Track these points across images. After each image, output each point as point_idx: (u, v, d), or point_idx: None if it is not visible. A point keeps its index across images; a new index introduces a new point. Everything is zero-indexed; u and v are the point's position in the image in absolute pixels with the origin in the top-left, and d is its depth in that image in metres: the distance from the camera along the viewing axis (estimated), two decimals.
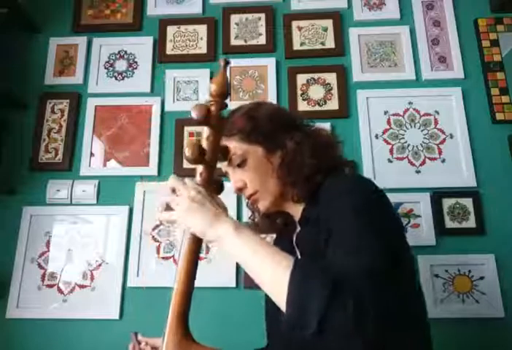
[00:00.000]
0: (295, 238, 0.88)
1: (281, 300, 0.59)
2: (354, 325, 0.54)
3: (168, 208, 0.71)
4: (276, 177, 0.84)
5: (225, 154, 0.79)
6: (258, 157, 0.85)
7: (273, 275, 0.61)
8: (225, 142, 0.87)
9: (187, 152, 0.69)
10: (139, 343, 0.93)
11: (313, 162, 0.81)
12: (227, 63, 0.77)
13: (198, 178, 0.73)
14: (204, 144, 0.73)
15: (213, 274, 1.40)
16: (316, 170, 0.81)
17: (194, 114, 0.70)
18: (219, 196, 0.75)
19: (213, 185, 0.75)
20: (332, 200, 0.74)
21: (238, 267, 1.40)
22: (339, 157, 0.89)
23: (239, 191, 0.88)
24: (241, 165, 0.85)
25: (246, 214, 1.18)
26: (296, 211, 0.87)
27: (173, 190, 0.72)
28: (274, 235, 1.02)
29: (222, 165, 0.90)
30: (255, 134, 0.85)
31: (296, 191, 0.83)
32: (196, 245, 0.70)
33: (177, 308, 0.65)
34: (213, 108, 0.73)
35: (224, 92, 0.74)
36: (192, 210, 0.68)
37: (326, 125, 1.46)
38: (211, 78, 1.63)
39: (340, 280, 0.57)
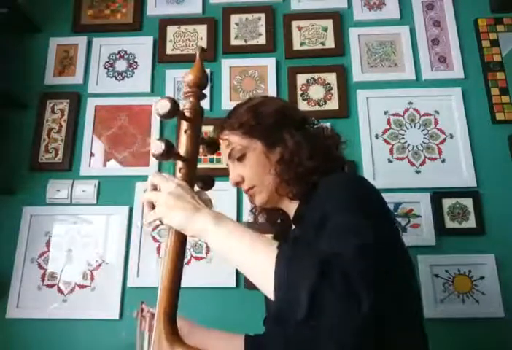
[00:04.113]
0: (290, 237, 0.88)
1: (269, 288, 0.55)
2: (346, 305, 0.51)
3: (153, 207, 0.67)
4: (273, 173, 0.84)
5: (212, 146, 0.76)
6: (257, 153, 0.85)
7: (258, 261, 0.58)
8: (227, 135, 0.87)
9: (151, 148, 0.64)
10: (142, 310, 0.99)
11: (310, 164, 0.81)
12: (203, 50, 0.72)
13: (177, 174, 0.68)
14: (183, 137, 0.69)
15: (213, 274, 1.39)
16: (312, 171, 0.80)
17: (159, 110, 0.63)
18: (207, 191, 0.72)
19: (197, 181, 0.71)
20: (323, 196, 0.73)
21: None
22: (339, 159, 0.89)
23: (237, 185, 0.88)
24: (240, 159, 0.86)
25: (247, 213, 1.17)
26: (291, 209, 0.87)
27: (155, 187, 0.68)
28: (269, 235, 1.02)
29: (224, 159, 0.91)
30: (257, 129, 0.85)
31: (290, 189, 0.83)
32: (180, 241, 0.67)
33: (163, 306, 0.63)
34: (191, 99, 0.70)
35: (201, 82, 0.70)
36: (171, 205, 0.64)
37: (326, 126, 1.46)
38: (211, 78, 1.63)
39: (328, 259, 0.54)
